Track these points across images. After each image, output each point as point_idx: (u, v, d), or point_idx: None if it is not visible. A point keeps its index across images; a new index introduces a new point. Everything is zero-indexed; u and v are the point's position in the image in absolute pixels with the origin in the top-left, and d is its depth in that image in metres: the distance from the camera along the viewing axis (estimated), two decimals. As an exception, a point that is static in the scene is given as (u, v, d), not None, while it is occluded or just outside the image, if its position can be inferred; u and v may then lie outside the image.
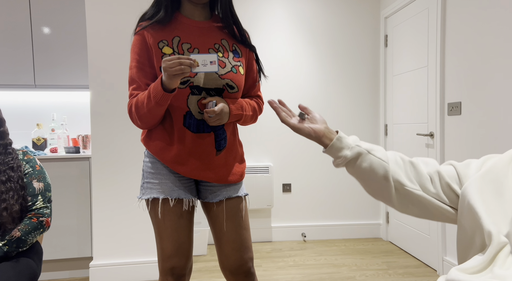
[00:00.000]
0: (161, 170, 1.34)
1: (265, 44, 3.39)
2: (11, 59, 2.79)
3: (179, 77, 1.15)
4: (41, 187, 1.50)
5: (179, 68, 1.12)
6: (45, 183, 1.53)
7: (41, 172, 1.54)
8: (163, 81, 1.18)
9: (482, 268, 0.85)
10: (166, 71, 1.13)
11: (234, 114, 1.33)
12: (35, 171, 1.52)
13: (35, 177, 1.50)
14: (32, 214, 1.45)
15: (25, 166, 1.51)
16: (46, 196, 1.51)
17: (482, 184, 0.88)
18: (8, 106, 3.09)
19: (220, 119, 1.28)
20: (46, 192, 1.52)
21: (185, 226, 1.34)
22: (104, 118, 2.47)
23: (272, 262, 2.88)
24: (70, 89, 2.99)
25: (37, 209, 1.46)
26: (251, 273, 1.39)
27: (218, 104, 1.27)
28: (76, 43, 2.87)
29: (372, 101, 3.52)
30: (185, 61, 1.12)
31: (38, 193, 1.49)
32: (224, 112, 1.27)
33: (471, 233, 0.88)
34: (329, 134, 1.03)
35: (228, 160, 1.38)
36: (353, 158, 0.99)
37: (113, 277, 2.50)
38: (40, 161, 1.59)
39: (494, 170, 0.89)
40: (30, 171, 1.51)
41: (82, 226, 2.59)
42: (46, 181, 1.54)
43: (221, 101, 1.29)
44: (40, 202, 1.48)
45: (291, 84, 3.43)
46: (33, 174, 1.51)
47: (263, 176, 3.29)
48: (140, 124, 1.30)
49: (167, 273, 1.32)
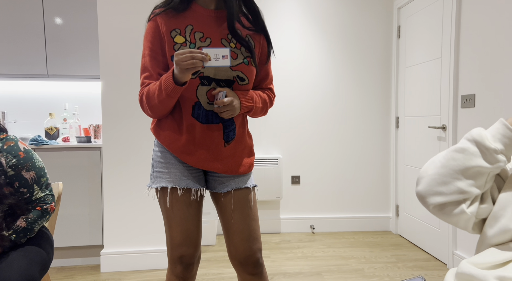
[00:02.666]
0: (170, 160, 1.34)
1: (276, 35, 3.36)
2: (24, 49, 2.82)
3: (191, 71, 1.14)
4: (32, 176, 1.42)
5: (190, 62, 1.11)
6: (36, 170, 1.43)
7: (27, 158, 1.42)
8: (174, 74, 1.18)
9: (496, 266, 0.81)
10: (178, 65, 1.13)
11: (244, 105, 1.32)
12: (20, 160, 1.40)
13: (22, 167, 1.40)
14: (34, 204, 1.43)
15: (7, 157, 1.38)
16: (42, 182, 1.45)
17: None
18: (21, 96, 3.13)
19: (231, 111, 1.27)
20: (41, 179, 1.44)
21: (193, 215, 1.35)
22: (115, 108, 2.48)
23: (280, 253, 2.89)
24: (82, 79, 3.02)
25: (37, 199, 1.43)
26: (260, 264, 1.40)
27: (228, 95, 1.27)
28: (88, 33, 2.88)
29: (384, 93, 3.47)
30: (197, 55, 1.12)
31: (32, 183, 1.42)
32: (234, 105, 1.27)
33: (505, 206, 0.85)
34: None
35: (236, 151, 1.38)
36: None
37: (123, 265, 2.54)
38: (25, 144, 1.46)
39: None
40: (14, 162, 1.39)
41: (93, 214, 2.63)
42: (36, 167, 1.44)
43: (231, 93, 1.28)
44: (38, 191, 1.43)
45: (301, 76, 3.40)
46: (19, 164, 1.39)
47: (272, 168, 3.29)
48: (151, 113, 1.31)
49: (175, 262, 1.34)
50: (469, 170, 0.87)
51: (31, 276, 1.25)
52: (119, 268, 2.54)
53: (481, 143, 0.86)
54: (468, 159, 0.87)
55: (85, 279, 2.41)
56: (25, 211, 1.43)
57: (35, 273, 1.28)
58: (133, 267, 2.55)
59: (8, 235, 1.35)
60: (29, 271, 1.26)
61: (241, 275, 1.42)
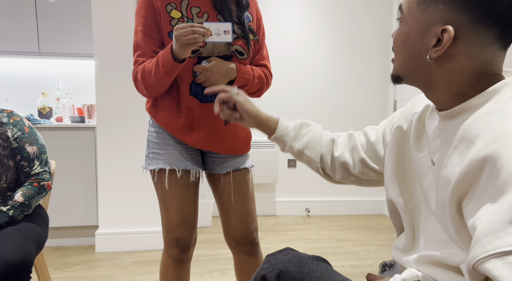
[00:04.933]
0: (167, 140, 1.31)
1: (273, 18, 3.29)
2: (14, 25, 2.73)
3: (191, 46, 1.09)
4: (35, 150, 1.46)
5: (192, 37, 1.06)
6: (38, 146, 1.47)
7: (32, 134, 1.47)
8: (173, 50, 1.13)
9: (410, 248, 0.84)
10: (178, 40, 1.08)
11: (242, 71, 1.25)
12: (25, 134, 1.45)
13: (26, 140, 1.44)
14: (32, 179, 1.44)
15: (13, 130, 1.43)
16: (42, 159, 1.48)
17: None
18: (13, 74, 3.05)
19: (212, 76, 1.20)
20: (42, 155, 1.48)
21: (191, 197, 1.33)
22: (109, 88, 2.43)
23: (275, 235, 2.91)
24: (75, 58, 2.95)
25: (36, 174, 1.45)
26: (256, 244, 1.40)
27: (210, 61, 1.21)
28: (81, 9, 2.79)
29: (382, 76, 3.44)
30: (198, 29, 1.06)
31: (34, 158, 1.45)
32: (215, 70, 1.20)
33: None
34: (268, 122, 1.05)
35: (236, 130, 1.35)
36: (292, 154, 1.06)
37: (118, 246, 2.54)
38: (29, 122, 1.50)
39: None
40: (19, 134, 1.44)
41: (88, 195, 2.61)
42: (39, 143, 1.48)
43: (215, 59, 1.22)
44: (38, 166, 1.46)
45: (299, 59, 3.35)
46: (23, 137, 1.44)
47: (268, 151, 3.27)
48: (146, 93, 1.26)
49: (172, 244, 1.32)
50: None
51: (27, 253, 1.23)
52: (113, 248, 2.53)
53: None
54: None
55: (80, 259, 2.41)
56: (22, 185, 1.43)
57: (31, 250, 1.26)
58: (128, 248, 2.55)
59: (6, 210, 1.34)
60: (25, 247, 1.24)
61: (237, 255, 1.42)
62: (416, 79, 0.74)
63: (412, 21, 0.70)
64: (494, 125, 0.59)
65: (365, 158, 0.98)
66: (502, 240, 0.52)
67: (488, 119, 0.61)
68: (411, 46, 0.71)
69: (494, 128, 0.59)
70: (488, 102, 0.65)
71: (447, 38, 0.65)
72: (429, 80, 0.71)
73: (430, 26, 0.67)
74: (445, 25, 0.65)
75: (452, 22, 0.65)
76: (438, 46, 0.67)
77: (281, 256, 0.80)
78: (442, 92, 0.71)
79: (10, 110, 1.49)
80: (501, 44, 0.65)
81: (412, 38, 0.71)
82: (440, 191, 0.68)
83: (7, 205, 1.36)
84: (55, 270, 2.24)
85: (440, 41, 0.66)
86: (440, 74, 0.69)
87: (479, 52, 0.65)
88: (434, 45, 0.67)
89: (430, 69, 0.70)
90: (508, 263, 0.51)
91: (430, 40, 0.68)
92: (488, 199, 0.56)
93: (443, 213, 0.68)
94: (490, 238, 0.54)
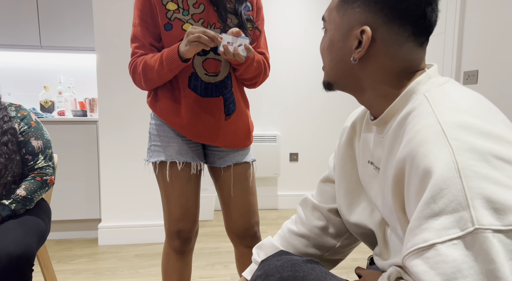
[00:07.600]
0: (168, 133, 1.31)
1: (275, 9, 3.27)
2: (16, 19, 2.73)
3: (195, 46, 1.10)
4: (40, 145, 1.47)
5: (197, 36, 1.07)
6: (43, 140, 1.49)
7: (38, 128, 1.49)
8: (180, 48, 1.14)
9: (387, 256, 0.84)
10: (187, 36, 1.10)
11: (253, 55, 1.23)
12: (31, 128, 1.47)
13: (32, 135, 1.46)
14: (35, 173, 1.45)
15: (20, 124, 1.45)
16: (46, 153, 1.49)
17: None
18: (15, 68, 3.06)
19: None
20: (46, 150, 1.49)
21: (192, 190, 1.33)
22: (110, 81, 2.43)
23: (277, 228, 2.92)
24: (76, 51, 2.94)
25: (39, 168, 1.45)
26: (257, 237, 1.40)
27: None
28: (82, 2, 2.78)
29: (385, 70, 3.41)
30: (209, 33, 1.08)
31: (38, 152, 1.46)
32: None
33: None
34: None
35: (237, 124, 1.35)
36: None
37: (120, 239, 2.55)
38: (36, 117, 1.52)
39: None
40: (25, 128, 1.46)
41: (90, 188, 2.62)
42: (44, 138, 1.50)
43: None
44: (42, 160, 1.47)
45: (300, 53, 3.33)
46: (30, 132, 1.46)
47: (270, 145, 3.27)
48: (144, 86, 1.27)
49: (173, 236, 1.33)
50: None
51: (28, 246, 1.23)
52: (116, 241, 2.55)
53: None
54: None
55: (83, 252, 2.42)
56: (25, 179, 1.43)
57: (33, 243, 1.27)
58: (130, 241, 2.56)
59: (8, 204, 1.34)
60: (27, 240, 1.25)
61: (238, 248, 1.42)
62: (346, 84, 0.75)
63: (334, 27, 0.73)
64: (410, 125, 0.61)
65: (331, 206, 0.95)
66: (419, 236, 0.54)
67: (408, 120, 0.63)
68: (335, 51, 0.73)
69: (410, 129, 0.61)
70: (408, 103, 0.67)
71: (366, 38, 0.67)
72: (357, 83, 0.73)
73: (350, 29, 0.69)
74: (363, 26, 0.67)
75: (368, 23, 0.67)
76: (359, 48, 0.69)
77: (274, 262, 0.80)
78: (370, 95, 0.73)
79: (18, 104, 1.52)
80: (416, 41, 0.67)
81: (336, 43, 0.73)
82: (386, 197, 0.70)
83: (9, 199, 1.36)
84: (58, 263, 2.26)
85: (361, 43, 0.68)
86: (365, 76, 0.71)
87: (396, 51, 0.67)
88: (356, 47, 0.69)
89: (356, 72, 0.71)
90: (425, 258, 0.53)
91: (352, 43, 0.70)
92: (413, 199, 0.58)
93: (391, 218, 0.69)
94: (409, 236, 0.56)
